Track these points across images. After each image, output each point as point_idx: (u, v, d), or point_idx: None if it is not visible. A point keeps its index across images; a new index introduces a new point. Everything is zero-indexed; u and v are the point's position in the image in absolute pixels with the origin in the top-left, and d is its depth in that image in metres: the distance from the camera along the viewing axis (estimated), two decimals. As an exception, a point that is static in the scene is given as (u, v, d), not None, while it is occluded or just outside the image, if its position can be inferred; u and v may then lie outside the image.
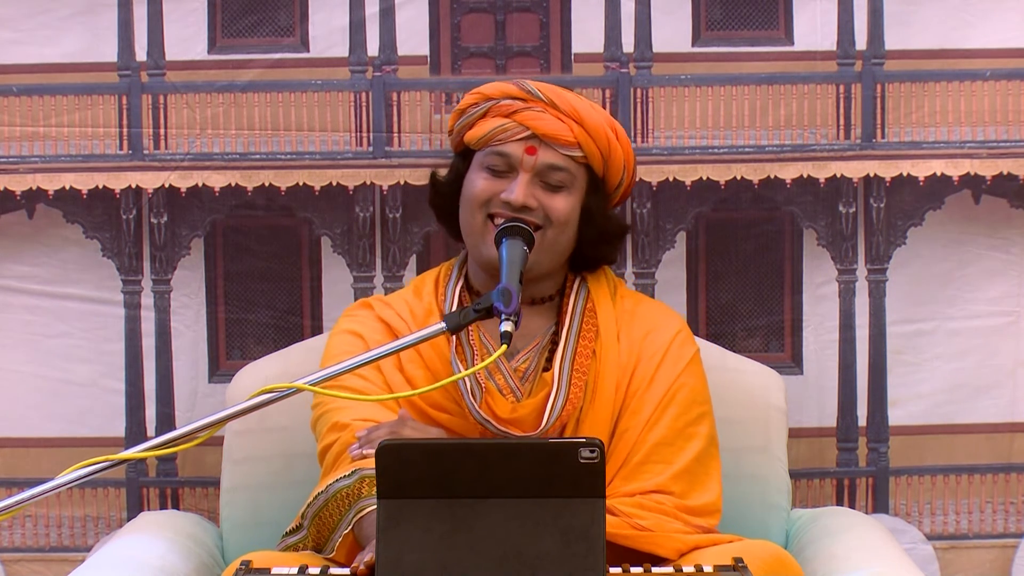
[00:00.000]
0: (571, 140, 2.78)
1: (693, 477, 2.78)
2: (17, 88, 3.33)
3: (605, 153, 2.81)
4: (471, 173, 2.82)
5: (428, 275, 2.95)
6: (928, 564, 3.42)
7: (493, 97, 2.82)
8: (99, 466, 2.19)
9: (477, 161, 2.82)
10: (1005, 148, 3.36)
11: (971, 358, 3.42)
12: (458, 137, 2.87)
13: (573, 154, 2.79)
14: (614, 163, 2.83)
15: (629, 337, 2.85)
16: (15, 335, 3.38)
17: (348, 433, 2.70)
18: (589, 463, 2.11)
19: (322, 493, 2.60)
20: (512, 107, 2.80)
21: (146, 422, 3.38)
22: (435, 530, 2.12)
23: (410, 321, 2.84)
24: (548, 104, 2.79)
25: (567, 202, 2.79)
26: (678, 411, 2.81)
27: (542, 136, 2.78)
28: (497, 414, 2.75)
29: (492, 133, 2.79)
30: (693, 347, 2.90)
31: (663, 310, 2.96)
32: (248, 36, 3.35)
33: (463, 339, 2.82)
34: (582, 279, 2.91)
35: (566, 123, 2.78)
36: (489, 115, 2.81)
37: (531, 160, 2.78)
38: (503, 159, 2.79)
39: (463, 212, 2.83)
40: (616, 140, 2.82)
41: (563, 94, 2.81)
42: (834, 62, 3.35)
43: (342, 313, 2.97)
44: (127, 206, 3.36)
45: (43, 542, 3.43)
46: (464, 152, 2.86)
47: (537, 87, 2.81)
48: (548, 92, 2.80)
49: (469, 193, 2.81)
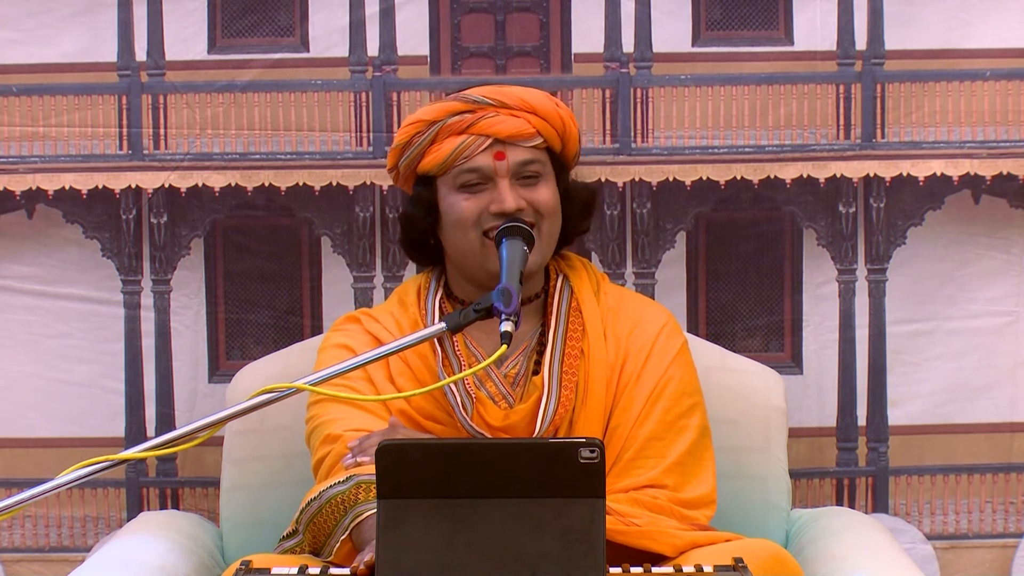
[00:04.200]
0: (531, 132, 2.77)
1: (686, 469, 2.78)
2: (17, 88, 3.34)
3: (560, 131, 2.81)
4: (447, 198, 2.79)
5: (410, 284, 2.94)
6: (928, 564, 3.42)
7: (438, 119, 2.78)
8: (99, 466, 2.19)
9: (447, 185, 2.79)
10: (1005, 148, 3.36)
11: (971, 358, 3.42)
12: (408, 171, 2.83)
13: (536, 143, 2.78)
14: (569, 136, 2.84)
15: (615, 333, 2.85)
16: (15, 335, 3.38)
17: (340, 444, 2.69)
18: (589, 463, 2.11)
19: (315, 499, 2.59)
20: (464, 122, 2.77)
21: (146, 422, 3.39)
22: (435, 530, 2.12)
23: (397, 335, 2.83)
24: (498, 106, 2.78)
25: (547, 190, 2.79)
26: (668, 404, 2.81)
27: (505, 139, 2.76)
28: (489, 423, 2.75)
29: (455, 153, 2.76)
30: (680, 339, 2.89)
31: (648, 304, 2.96)
32: (248, 36, 3.35)
33: (448, 349, 2.80)
34: (564, 277, 2.90)
35: (522, 117, 2.77)
36: (440, 138, 2.78)
37: (503, 165, 2.77)
38: (476, 174, 2.77)
39: (453, 237, 2.80)
40: (562, 112, 2.82)
41: (507, 91, 2.80)
42: (834, 62, 3.35)
43: (331, 327, 2.95)
44: (127, 206, 3.36)
45: (43, 542, 3.43)
46: (423, 180, 2.83)
47: (480, 93, 2.78)
48: (493, 94, 2.78)
49: (456, 218, 2.78)
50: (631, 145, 3.33)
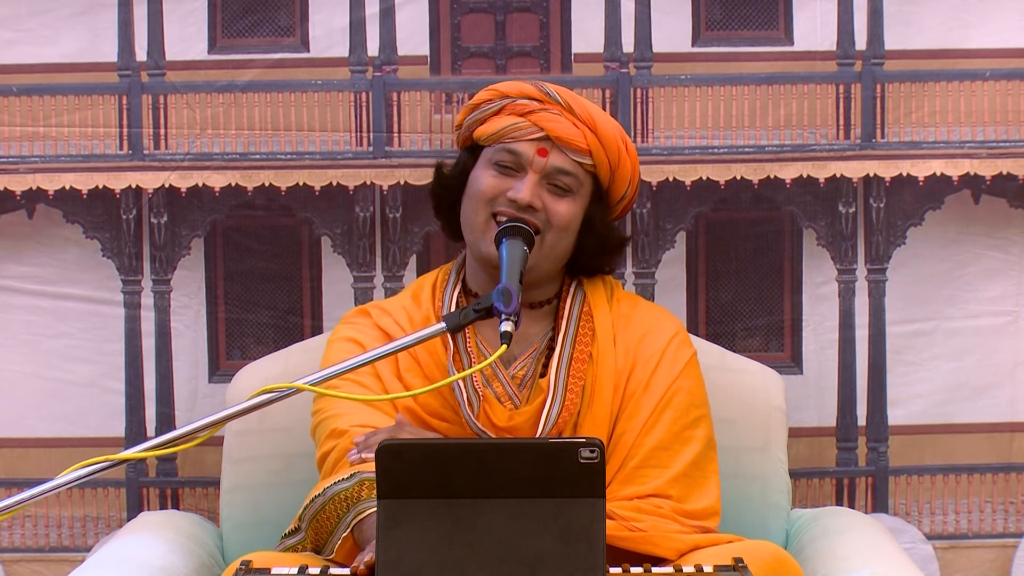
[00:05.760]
0: (583, 146, 2.78)
1: (691, 481, 2.78)
2: (17, 88, 3.34)
3: (614, 163, 2.81)
4: (478, 169, 2.82)
5: (426, 279, 2.95)
6: (928, 564, 3.42)
7: (510, 95, 2.82)
8: (99, 466, 2.19)
9: (485, 157, 2.81)
10: (1005, 148, 3.36)
11: (970, 358, 3.42)
12: (467, 132, 2.86)
13: (583, 160, 2.79)
14: (621, 174, 2.83)
15: (625, 340, 2.85)
16: (15, 335, 3.38)
17: (346, 439, 2.70)
18: (589, 463, 2.11)
19: (319, 496, 2.60)
20: (528, 107, 2.79)
21: (146, 422, 3.39)
22: (435, 530, 2.12)
23: (408, 329, 2.83)
24: (565, 108, 2.79)
25: (570, 208, 2.79)
26: (675, 414, 2.80)
27: (555, 139, 2.77)
28: (494, 422, 2.76)
29: (505, 130, 2.79)
30: (690, 350, 2.89)
31: (660, 313, 2.96)
32: (248, 36, 3.35)
33: (460, 345, 2.81)
34: (579, 283, 2.90)
35: (580, 129, 2.78)
36: (503, 112, 2.81)
37: (541, 161, 2.77)
38: (513, 157, 2.78)
39: (466, 207, 2.83)
40: (626, 152, 2.82)
41: (580, 100, 2.81)
42: (834, 62, 3.35)
43: (341, 319, 2.96)
44: (127, 206, 3.36)
45: (43, 542, 3.43)
46: (471, 148, 2.86)
47: (555, 90, 2.81)
48: (566, 96, 2.80)
49: (475, 189, 2.80)
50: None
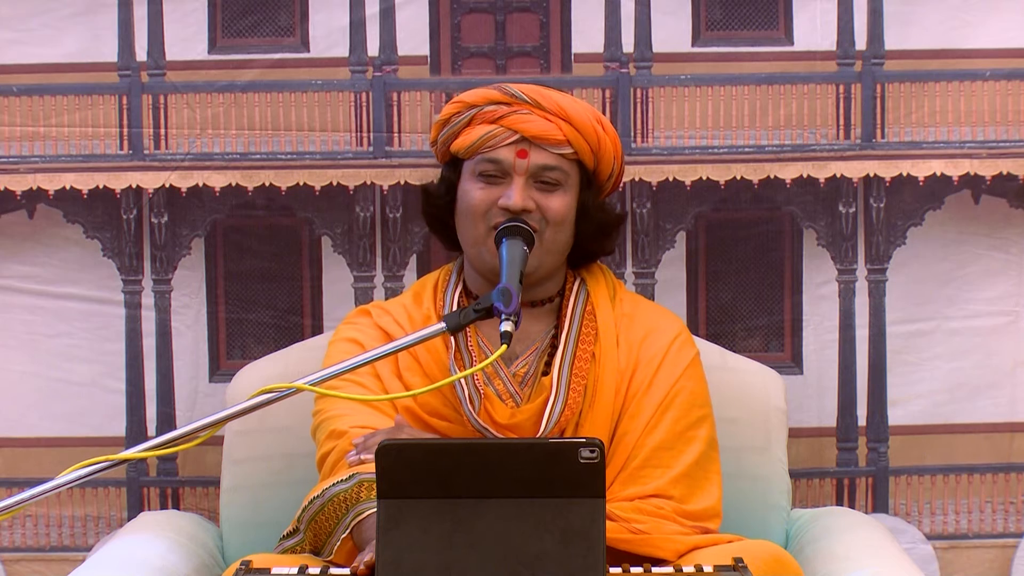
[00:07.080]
0: (560, 138, 2.77)
1: (693, 481, 2.78)
2: (17, 88, 3.34)
3: (594, 147, 2.80)
4: (465, 183, 2.81)
5: (427, 280, 2.95)
6: (928, 564, 3.42)
7: (476, 104, 2.80)
8: (99, 466, 2.19)
9: (468, 170, 2.81)
10: (1005, 148, 3.36)
11: (970, 358, 3.42)
12: (444, 148, 2.85)
13: (564, 152, 2.78)
14: (604, 155, 2.82)
15: (628, 340, 2.85)
16: (15, 335, 3.39)
17: (345, 440, 2.70)
18: (589, 463, 2.11)
19: (318, 497, 2.60)
20: (497, 112, 2.78)
21: (146, 422, 3.39)
22: (435, 530, 2.12)
23: (408, 328, 2.83)
24: (533, 105, 2.78)
25: (563, 200, 2.79)
26: (677, 414, 2.80)
27: (531, 138, 2.77)
28: (496, 420, 2.75)
29: (480, 140, 2.78)
30: (693, 350, 2.89)
31: (662, 313, 2.96)
32: (248, 36, 3.35)
33: (461, 344, 2.81)
34: (581, 281, 2.90)
35: (553, 122, 2.77)
36: (474, 123, 2.80)
37: (523, 163, 2.77)
38: (495, 165, 2.78)
39: (462, 223, 2.82)
40: (603, 131, 2.81)
41: (547, 93, 2.80)
42: (834, 62, 3.35)
43: (343, 320, 2.96)
44: (127, 206, 3.36)
45: (43, 542, 3.43)
46: (452, 161, 2.85)
47: (520, 89, 2.80)
48: (532, 93, 2.79)
49: (467, 205, 2.80)
50: (631, 145, 3.33)
